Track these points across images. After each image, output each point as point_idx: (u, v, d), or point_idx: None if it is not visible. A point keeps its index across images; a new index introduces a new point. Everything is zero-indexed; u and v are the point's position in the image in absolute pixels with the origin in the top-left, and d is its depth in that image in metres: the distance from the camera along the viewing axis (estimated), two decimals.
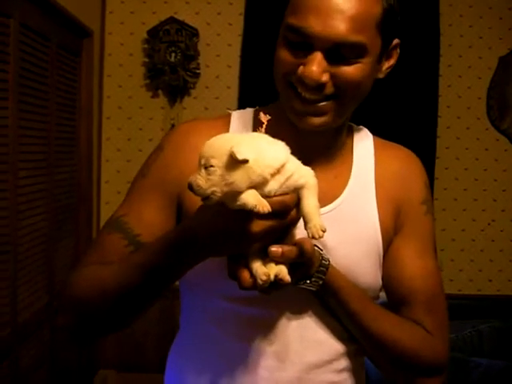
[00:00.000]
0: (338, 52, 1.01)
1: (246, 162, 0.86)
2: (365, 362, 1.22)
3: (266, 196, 0.89)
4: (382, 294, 1.20)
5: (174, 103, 3.56)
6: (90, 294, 1.04)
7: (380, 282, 1.17)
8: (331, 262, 1.05)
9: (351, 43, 1.00)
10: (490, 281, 3.69)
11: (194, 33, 3.48)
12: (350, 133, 1.23)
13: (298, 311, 1.11)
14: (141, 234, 1.09)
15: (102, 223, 3.39)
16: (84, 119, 3.32)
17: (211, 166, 0.87)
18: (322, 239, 0.95)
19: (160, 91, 3.56)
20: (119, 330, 1.11)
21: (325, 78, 1.02)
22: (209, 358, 1.13)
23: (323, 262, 1.04)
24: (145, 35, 3.51)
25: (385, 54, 1.09)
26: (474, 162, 3.68)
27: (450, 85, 3.62)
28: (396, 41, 1.11)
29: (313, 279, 1.03)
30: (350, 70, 1.03)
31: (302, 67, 1.02)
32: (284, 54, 1.05)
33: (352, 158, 1.20)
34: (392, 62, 1.13)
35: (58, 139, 2.90)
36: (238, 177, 0.86)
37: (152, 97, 3.58)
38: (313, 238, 0.92)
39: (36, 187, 2.62)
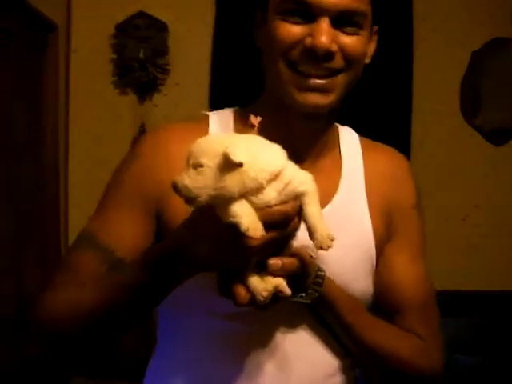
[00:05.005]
0: (340, 22, 1.00)
1: (240, 165, 0.78)
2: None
3: (265, 206, 0.82)
4: None
5: (143, 101, 3.47)
6: (70, 319, 0.97)
7: (371, 289, 1.14)
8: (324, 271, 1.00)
9: (356, 11, 1.00)
10: (466, 277, 3.70)
11: (163, 28, 3.39)
12: (336, 132, 1.19)
13: (291, 326, 1.06)
14: (117, 250, 1.02)
15: (70, 227, 3.22)
16: (50, 118, 3.21)
17: (201, 165, 0.80)
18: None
19: (129, 88, 3.46)
20: (99, 353, 1.05)
21: (335, 47, 1.00)
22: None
23: (319, 272, 0.99)
24: (113, 30, 3.40)
25: (369, 35, 1.09)
26: (449, 158, 3.67)
27: (423, 80, 3.59)
28: (375, 27, 1.11)
29: (309, 291, 0.98)
30: (352, 41, 1.02)
31: (309, 38, 0.99)
32: (283, 29, 1.01)
33: (340, 158, 1.16)
34: (373, 47, 1.12)
35: (23, 140, 2.81)
36: (230, 181, 0.79)
37: (120, 94, 3.48)
38: (321, 248, 0.86)
39: None
